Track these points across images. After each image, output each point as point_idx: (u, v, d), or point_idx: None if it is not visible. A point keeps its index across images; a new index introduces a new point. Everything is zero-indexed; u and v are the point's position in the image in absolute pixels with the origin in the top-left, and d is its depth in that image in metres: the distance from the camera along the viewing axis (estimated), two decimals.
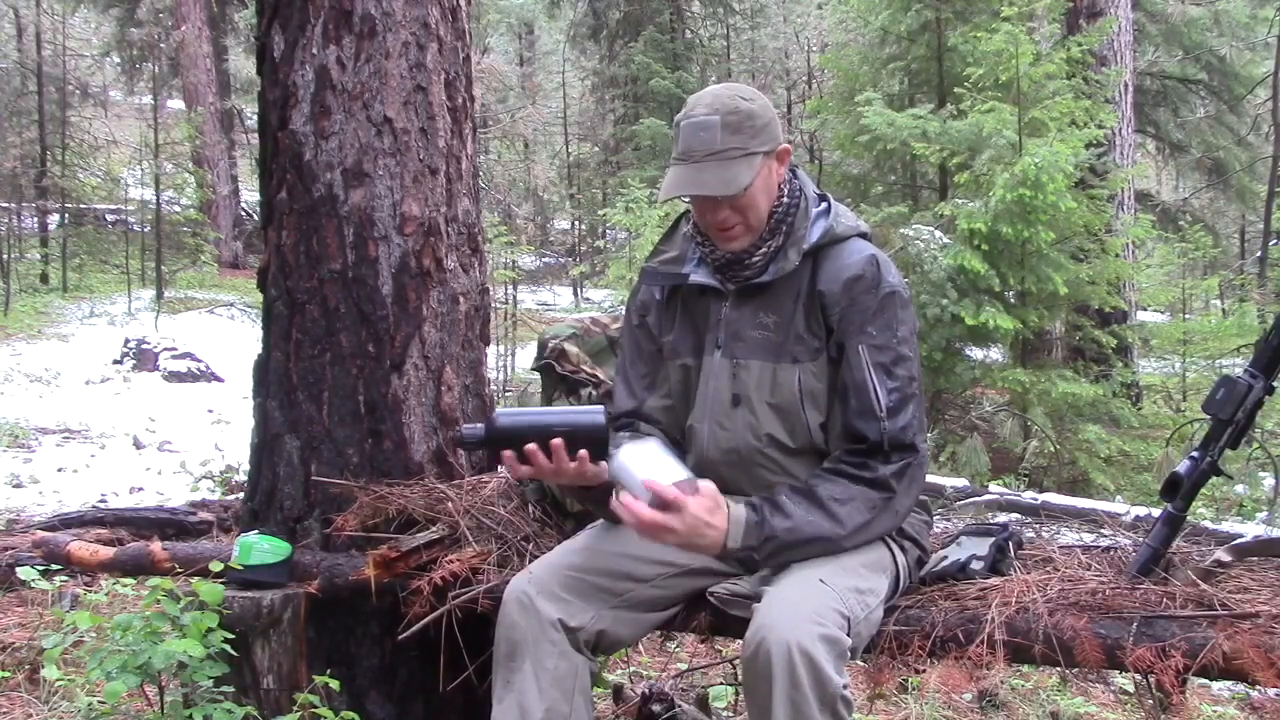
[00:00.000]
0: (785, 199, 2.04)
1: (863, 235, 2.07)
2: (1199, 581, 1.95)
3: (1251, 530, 3.81)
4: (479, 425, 1.92)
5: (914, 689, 3.19)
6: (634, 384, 2.17)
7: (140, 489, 6.72)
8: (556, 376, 2.53)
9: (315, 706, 2.17)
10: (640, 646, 3.40)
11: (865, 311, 1.97)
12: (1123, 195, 9.73)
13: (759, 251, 2.02)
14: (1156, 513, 2.10)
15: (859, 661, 2.00)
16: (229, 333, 13.69)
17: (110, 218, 19.61)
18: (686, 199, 2.03)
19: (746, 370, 2.03)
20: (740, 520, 1.86)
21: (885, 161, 9.42)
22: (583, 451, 1.87)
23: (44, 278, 17.00)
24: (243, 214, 20.53)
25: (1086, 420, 7.70)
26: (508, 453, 1.89)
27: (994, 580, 2.06)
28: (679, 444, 2.15)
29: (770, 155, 2.00)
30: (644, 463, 1.82)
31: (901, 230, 7.68)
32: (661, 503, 1.78)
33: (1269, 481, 6.63)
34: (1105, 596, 1.93)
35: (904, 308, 2.00)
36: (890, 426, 1.93)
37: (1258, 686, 1.84)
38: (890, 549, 2.02)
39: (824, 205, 2.08)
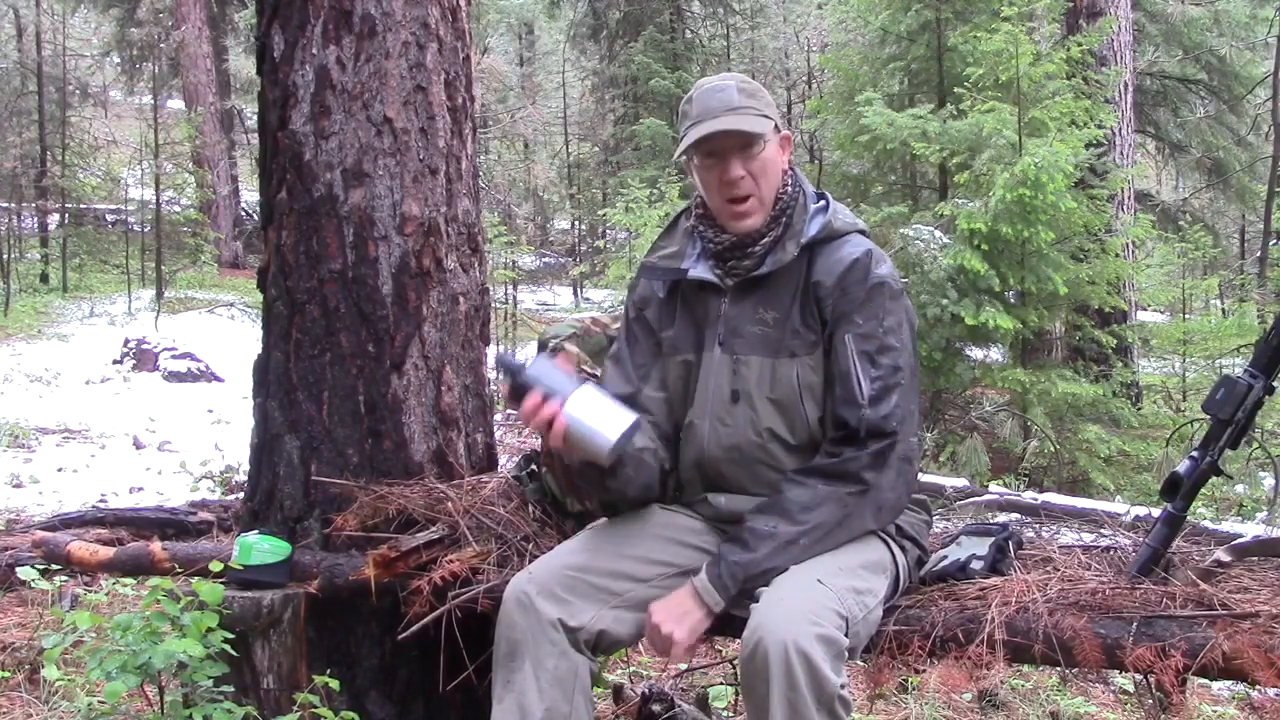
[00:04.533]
0: (789, 188, 2.06)
1: (860, 232, 2.08)
2: (1199, 581, 1.95)
3: (1251, 530, 3.81)
4: (520, 364, 1.94)
5: (914, 689, 3.19)
6: (630, 371, 2.15)
7: (140, 489, 6.72)
8: None
9: (315, 706, 2.17)
10: (640, 646, 3.39)
11: (854, 301, 1.98)
12: (1123, 195, 9.73)
13: (762, 240, 2.04)
14: (1156, 513, 2.10)
15: (858, 661, 2.00)
16: (229, 333, 13.67)
17: (110, 218, 19.61)
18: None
19: (746, 366, 2.03)
20: (707, 585, 1.90)
21: (885, 161, 9.41)
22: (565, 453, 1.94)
23: (44, 278, 16.99)
24: (243, 214, 20.52)
25: (1086, 420, 7.70)
26: (508, 389, 1.94)
27: (994, 580, 2.06)
28: (669, 439, 2.14)
29: (777, 134, 2.05)
30: (591, 413, 1.90)
31: (901, 230, 7.68)
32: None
33: (1269, 481, 6.63)
34: (1105, 596, 1.93)
35: (894, 299, 2.00)
36: (871, 415, 1.94)
37: (1258, 686, 1.84)
38: (890, 549, 2.02)
39: (822, 202, 2.10)
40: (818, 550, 1.91)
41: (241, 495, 3.65)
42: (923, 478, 2.21)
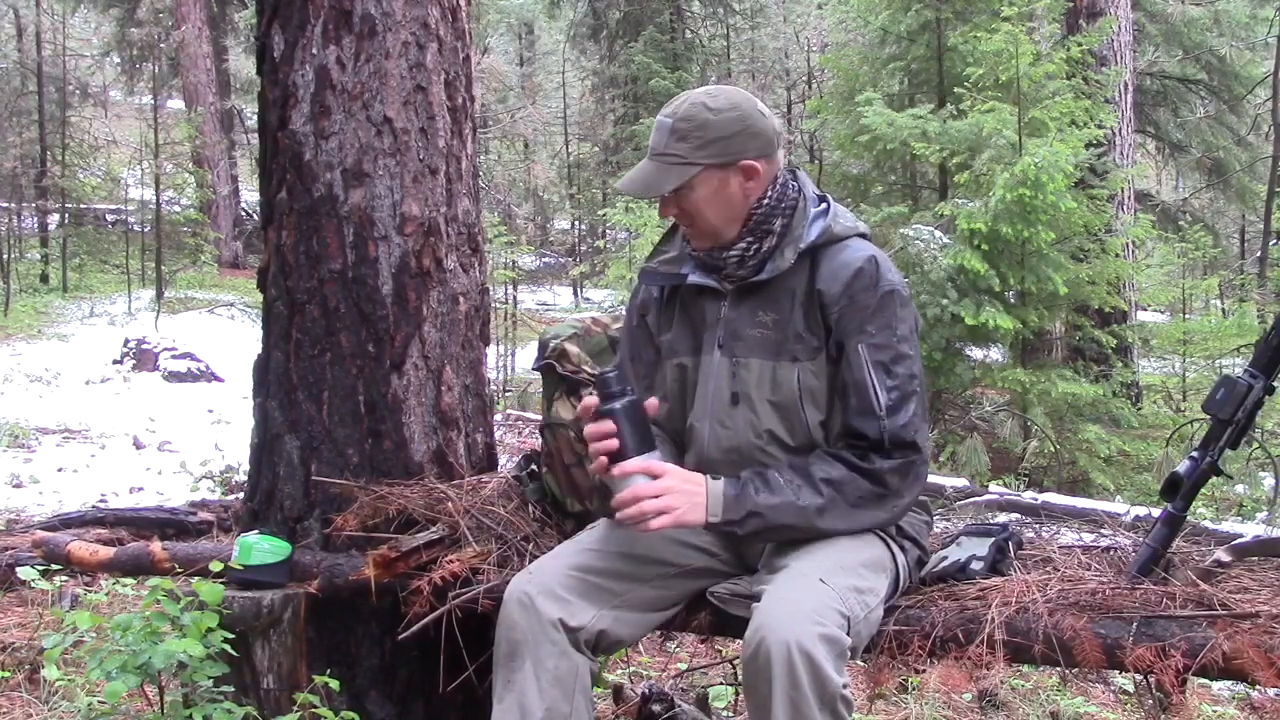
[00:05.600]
0: (770, 200, 2.04)
1: (862, 235, 2.07)
2: (1199, 581, 1.95)
3: (1251, 530, 3.82)
4: (618, 393, 1.90)
5: (914, 689, 3.19)
6: (633, 383, 2.17)
7: (140, 489, 6.72)
8: (557, 377, 2.53)
9: (315, 706, 2.17)
10: (640, 646, 3.40)
11: (864, 310, 1.97)
12: (1123, 195, 9.74)
13: (733, 250, 2.04)
14: (1156, 513, 2.10)
15: (859, 661, 1.99)
16: (229, 333, 13.68)
17: (110, 218, 19.63)
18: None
19: (746, 369, 2.03)
20: (718, 493, 1.90)
21: (885, 161, 9.42)
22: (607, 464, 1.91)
23: (44, 278, 17.01)
24: (243, 214, 20.54)
25: (1086, 420, 7.71)
26: (590, 403, 1.91)
27: (994, 580, 2.06)
28: (678, 444, 2.15)
29: (723, 169, 1.99)
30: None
31: (901, 230, 7.69)
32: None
33: (1269, 481, 6.64)
34: (1105, 596, 1.93)
35: (903, 306, 2.00)
36: (890, 425, 1.93)
37: (1258, 686, 1.84)
38: (890, 549, 2.02)
39: (823, 206, 2.08)
40: (820, 526, 1.92)
41: (241, 495, 3.65)
42: None
